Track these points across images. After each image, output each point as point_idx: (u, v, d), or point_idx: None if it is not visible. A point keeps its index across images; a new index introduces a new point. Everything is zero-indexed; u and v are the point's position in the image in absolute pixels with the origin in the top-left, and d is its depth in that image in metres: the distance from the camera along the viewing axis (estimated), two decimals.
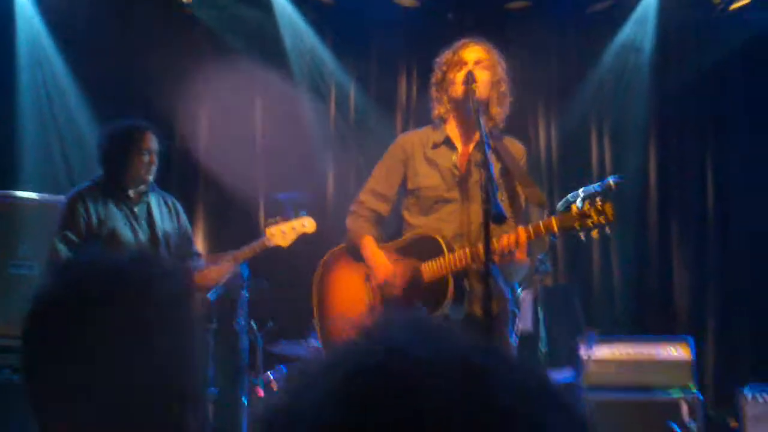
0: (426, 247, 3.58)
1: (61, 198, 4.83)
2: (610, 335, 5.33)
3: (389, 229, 3.92)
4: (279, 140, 6.78)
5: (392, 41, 6.91)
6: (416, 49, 6.91)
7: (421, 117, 6.78)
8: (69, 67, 6.40)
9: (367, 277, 3.75)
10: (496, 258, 3.35)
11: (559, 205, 4.04)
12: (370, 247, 3.71)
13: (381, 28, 6.83)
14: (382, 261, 3.66)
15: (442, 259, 3.52)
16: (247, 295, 4.80)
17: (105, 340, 1.24)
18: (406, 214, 3.77)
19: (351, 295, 3.79)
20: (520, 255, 3.39)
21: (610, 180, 3.76)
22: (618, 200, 4.70)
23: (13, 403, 4.84)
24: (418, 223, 3.68)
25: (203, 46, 6.69)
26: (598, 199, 3.34)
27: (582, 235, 3.36)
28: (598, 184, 3.92)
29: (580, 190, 3.94)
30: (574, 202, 3.82)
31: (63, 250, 4.13)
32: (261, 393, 4.95)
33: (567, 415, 0.69)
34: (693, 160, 6.72)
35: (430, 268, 3.55)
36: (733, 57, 6.53)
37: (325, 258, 3.95)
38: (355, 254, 3.80)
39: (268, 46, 6.76)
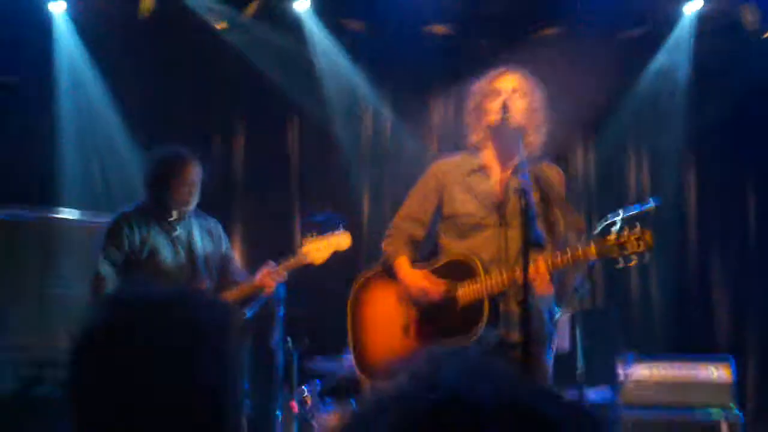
0: (462, 270, 3.58)
1: (102, 218, 4.91)
2: (649, 355, 5.28)
3: (423, 253, 3.92)
4: (314, 163, 6.84)
5: (426, 68, 6.95)
6: (450, 74, 6.94)
7: (455, 141, 6.85)
8: (107, 90, 6.51)
9: (401, 299, 3.75)
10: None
11: (599, 227, 4.03)
12: (404, 266, 3.72)
13: (414, 55, 6.86)
14: (415, 276, 3.66)
15: (478, 282, 3.51)
16: (283, 311, 4.83)
17: (148, 372, 1.27)
18: (442, 239, 3.76)
19: (385, 317, 3.79)
20: (542, 286, 3.34)
21: (651, 203, 3.74)
22: (657, 221, 4.69)
23: (55, 417, 4.90)
24: (454, 247, 3.67)
25: (237, 70, 6.76)
26: (637, 226, 3.31)
27: (620, 263, 3.33)
28: (637, 204, 3.91)
29: (620, 211, 3.94)
30: (614, 223, 3.82)
31: (107, 269, 4.22)
32: (296, 408, 4.98)
33: None
34: (732, 180, 6.68)
35: (466, 291, 3.55)
36: None
37: (359, 280, 3.95)
38: (390, 275, 3.80)
39: (301, 70, 6.82)
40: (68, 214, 5.49)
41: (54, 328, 5.08)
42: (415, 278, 3.66)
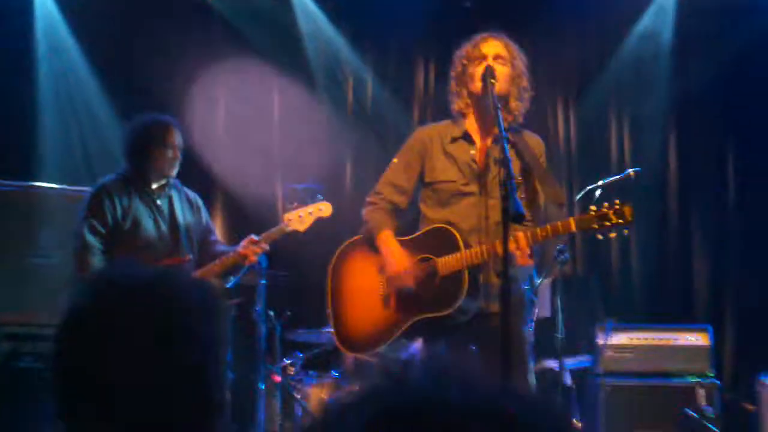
0: (442, 241, 3.58)
1: (82, 189, 4.88)
2: (628, 323, 5.34)
3: (406, 219, 3.93)
4: (296, 131, 6.80)
5: (409, 31, 6.89)
6: (434, 39, 6.89)
7: (439, 107, 6.82)
8: (87, 59, 6.44)
9: (382, 269, 3.76)
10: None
11: (579, 196, 4.05)
12: (387, 241, 3.71)
13: (398, 18, 6.81)
14: (398, 256, 3.67)
15: (458, 254, 3.52)
16: (265, 283, 4.84)
17: (132, 352, 1.28)
18: (423, 207, 3.76)
19: (365, 288, 3.80)
20: (522, 260, 3.37)
21: (630, 171, 3.76)
22: (637, 189, 4.72)
23: (35, 389, 4.91)
24: (435, 216, 3.68)
25: (220, 36, 6.70)
26: (616, 200, 3.34)
27: (600, 236, 3.37)
28: (617, 175, 3.93)
29: (600, 181, 3.96)
30: (594, 191, 3.85)
31: (91, 239, 4.20)
32: (278, 379, 5.01)
33: None
34: (713, 148, 6.69)
35: (446, 263, 3.56)
36: (754, 44, 6.48)
37: (340, 248, 3.95)
38: (371, 245, 3.79)
39: (284, 36, 6.76)
40: (48, 184, 5.45)
41: (34, 299, 5.07)
42: (398, 257, 3.66)
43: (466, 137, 3.69)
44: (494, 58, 3.59)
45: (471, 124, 3.71)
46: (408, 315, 3.64)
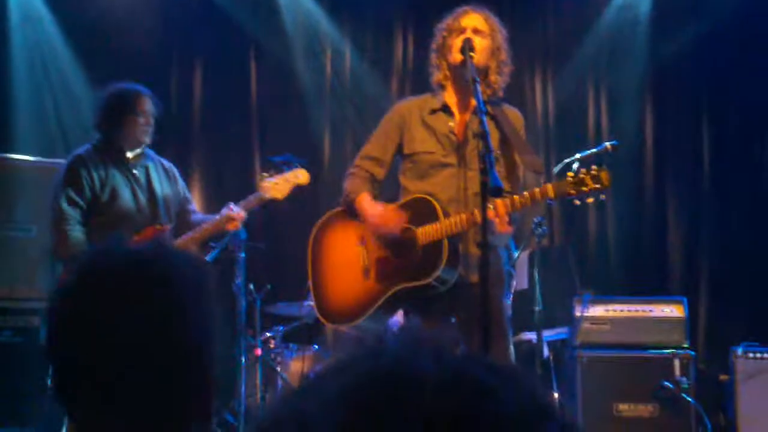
0: (422, 211, 3.59)
1: (57, 161, 4.83)
2: (604, 295, 5.39)
3: (386, 194, 3.93)
4: (274, 103, 6.77)
5: (388, 2, 6.86)
6: (413, 11, 6.87)
7: (418, 80, 6.81)
8: (61, 30, 6.35)
9: (362, 240, 3.76)
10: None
11: (557, 168, 4.07)
12: (365, 200, 3.72)
13: None
14: (378, 209, 3.68)
15: (437, 224, 3.53)
16: (244, 256, 4.83)
17: (129, 334, 1.27)
18: (402, 179, 3.77)
19: (345, 259, 3.81)
20: (501, 227, 3.39)
21: (607, 144, 3.79)
22: (614, 162, 4.74)
23: (13, 363, 4.89)
24: (414, 187, 3.69)
25: (197, 7, 6.63)
26: (593, 165, 3.36)
27: (577, 202, 3.38)
28: (595, 148, 3.95)
29: (577, 154, 3.98)
30: (572, 164, 3.86)
31: (68, 210, 4.16)
32: (258, 352, 5.01)
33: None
34: (689, 121, 6.74)
35: (425, 232, 3.57)
36: (730, 19, 6.51)
37: (320, 220, 3.96)
38: (350, 216, 3.80)
39: (262, 7, 6.70)
40: (23, 156, 5.40)
41: (11, 273, 5.03)
42: (376, 210, 3.67)
43: (445, 109, 3.71)
44: (474, 31, 3.60)
45: (450, 97, 3.72)
46: (388, 285, 3.66)
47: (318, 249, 3.91)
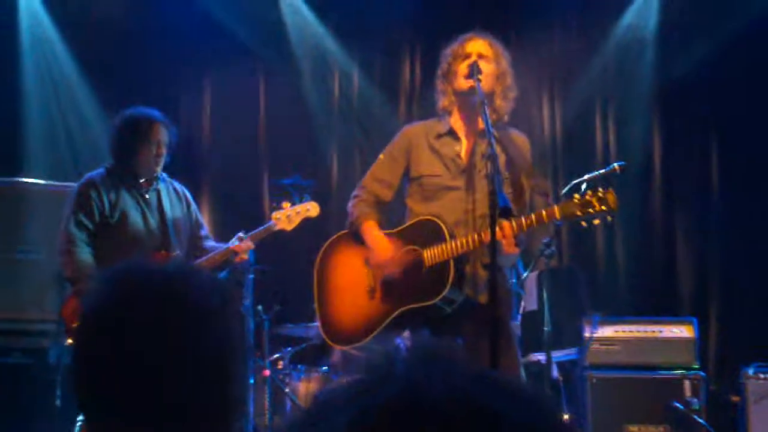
0: (428, 233, 3.61)
1: (68, 184, 4.87)
2: (614, 316, 5.37)
3: (393, 217, 3.95)
4: (282, 125, 6.80)
5: (396, 25, 6.90)
6: (420, 33, 6.91)
7: (425, 101, 6.84)
8: (72, 53, 6.41)
9: (367, 261, 3.77)
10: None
11: (564, 190, 4.07)
12: (371, 230, 3.74)
13: (384, 12, 6.81)
14: (383, 244, 3.69)
15: (444, 245, 3.55)
16: (252, 277, 4.85)
17: (153, 350, 1.28)
18: (409, 201, 3.80)
19: (350, 280, 3.82)
20: (508, 248, 3.41)
21: (615, 165, 3.80)
22: (622, 183, 4.75)
23: (22, 385, 4.90)
24: (421, 210, 3.72)
25: (205, 30, 6.68)
26: (599, 187, 3.38)
27: (584, 223, 3.40)
28: (602, 169, 3.96)
29: (585, 175, 3.98)
30: (579, 185, 3.88)
31: (75, 232, 4.17)
32: (267, 373, 5.01)
33: None
34: (697, 141, 6.72)
35: (431, 254, 3.58)
36: (738, 37, 6.51)
37: (326, 244, 3.97)
38: (356, 238, 3.82)
39: (270, 30, 6.75)
40: (34, 180, 5.43)
41: (21, 295, 5.06)
42: (383, 245, 3.69)
43: (452, 134, 3.74)
44: (478, 56, 3.65)
45: (456, 121, 3.76)
46: (394, 306, 3.66)
47: (324, 271, 3.92)
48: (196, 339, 1.31)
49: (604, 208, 3.34)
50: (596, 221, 3.37)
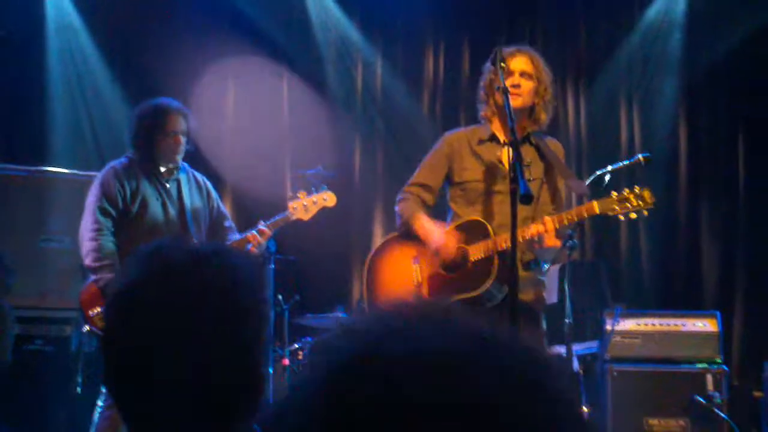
0: (474, 232, 3.72)
1: (91, 174, 4.90)
2: (636, 309, 5.34)
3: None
4: (305, 117, 6.81)
5: (420, 18, 6.89)
6: (444, 25, 6.89)
7: (448, 93, 6.83)
8: (95, 43, 6.46)
9: (416, 259, 3.86)
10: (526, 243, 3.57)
11: (588, 181, 4.08)
12: (424, 221, 3.84)
13: (408, 4, 6.80)
14: (437, 231, 3.78)
15: (488, 241, 3.64)
16: (273, 267, 4.86)
17: (187, 330, 1.29)
18: (453, 206, 3.91)
19: (399, 277, 3.92)
20: (549, 241, 3.53)
21: (640, 156, 3.82)
22: (646, 174, 4.71)
23: (44, 372, 4.95)
24: (464, 213, 3.83)
25: (229, 23, 6.71)
26: (636, 186, 3.50)
27: (621, 217, 3.53)
28: (627, 160, 3.96)
29: (609, 167, 4.00)
30: (604, 176, 3.94)
31: (101, 219, 4.20)
32: (286, 363, 5.03)
33: (557, 407, 0.67)
34: (724, 135, 6.67)
35: (477, 249, 3.68)
36: (764, 29, 6.44)
37: (375, 248, 4.10)
38: (406, 236, 3.91)
39: (294, 22, 6.76)
40: (58, 169, 5.48)
41: (44, 283, 5.11)
42: (437, 232, 3.78)
43: (494, 139, 3.86)
44: (521, 74, 3.75)
45: (497, 129, 3.87)
46: (439, 299, 3.70)
47: (372, 273, 4.03)
48: (232, 318, 1.31)
49: (641, 204, 3.48)
50: (633, 215, 3.51)
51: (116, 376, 1.32)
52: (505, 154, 3.79)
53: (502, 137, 3.84)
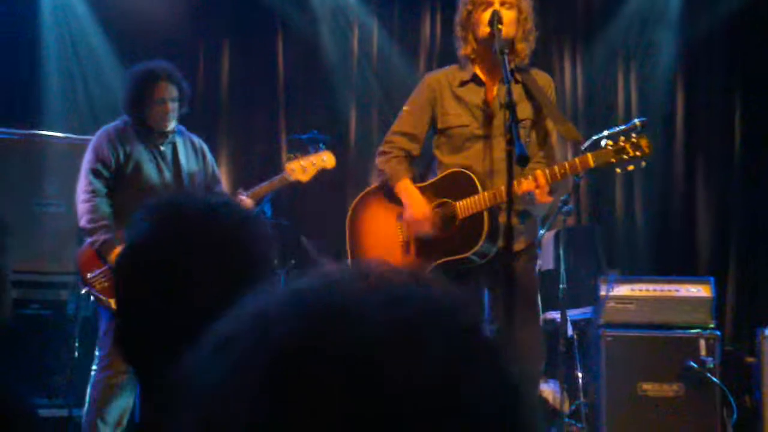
0: (460, 185, 3.61)
1: (86, 137, 4.87)
2: (630, 274, 5.35)
3: (420, 168, 3.94)
4: (300, 80, 6.76)
5: None
6: None
7: (445, 56, 6.76)
8: (90, 6, 6.37)
9: (400, 216, 3.77)
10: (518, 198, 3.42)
11: (584, 145, 4.04)
12: (407, 188, 3.73)
13: None
14: (418, 202, 3.69)
15: (476, 196, 3.55)
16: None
17: (201, 283, 1.27)
18: (438, 153, 3.78)
19: (384, 234, 3.82)
20: (541, 197, 3.41)
21: (636, 121, 3.77)
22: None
23: (41, 336, 4.96)
24: (450, 161, 3.70)
25: None
26: (632, 134, 3.37)
27: (618, 170, 3.42)
28: (623, 125, 3.93)
29: (605, 131, 3.95)
30: (599, 143, 3.86)
31: (95, 182, 4.19)
32: None
33: (491, 369, 0.65)
34: (720, 98, 6.64)
35: (465, 206, 3.59)
36: None
37: (356, 199, 3.97)
38: (389, 194, 3.81)
39: None
40: (53, 132, 5.45)
41: (40, 247, 5.10)
42: (418, 202, 3.68)
43: (476, 80, 3.70)
44: (500, 3, 3.59)
45: (478, 69, 3.72)
46: (428, 260, 3.66)
47: (356, 227, 3.91)
48: (247, 270, 1.29)
49: (638, 153, 3.36)
50: (631, 167, 3.39)
51: (127, 333, 1.31)
52: (490, 95, 3.67)
53: (483, 77, 3.69)
